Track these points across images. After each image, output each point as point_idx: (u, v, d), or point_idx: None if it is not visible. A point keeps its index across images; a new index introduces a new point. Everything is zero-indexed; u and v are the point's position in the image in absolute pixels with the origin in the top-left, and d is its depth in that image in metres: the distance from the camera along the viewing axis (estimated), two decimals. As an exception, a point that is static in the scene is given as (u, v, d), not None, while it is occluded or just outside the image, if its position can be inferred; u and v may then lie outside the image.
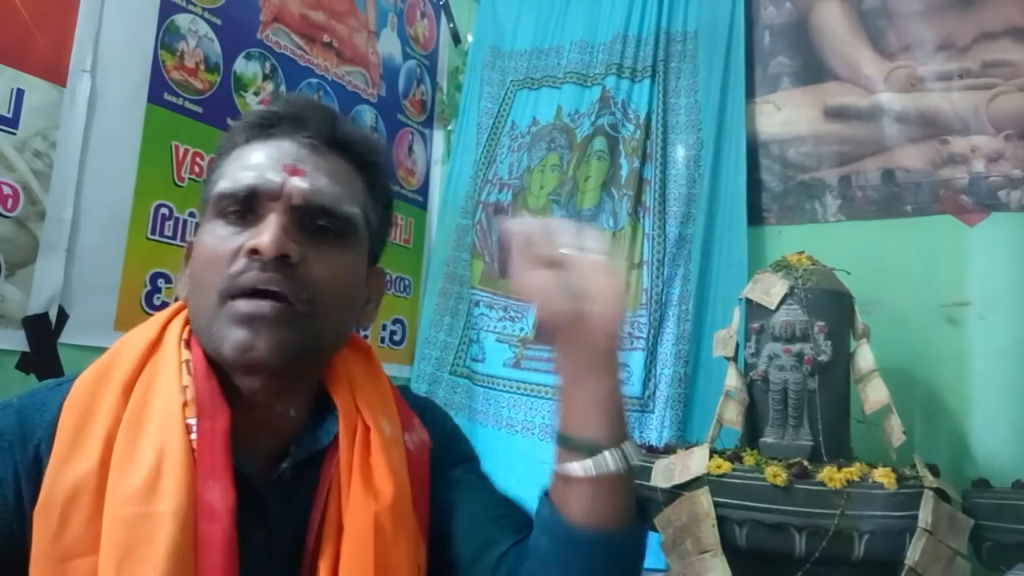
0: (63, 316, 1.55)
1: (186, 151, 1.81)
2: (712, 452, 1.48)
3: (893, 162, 2.01)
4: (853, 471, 1.33)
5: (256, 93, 2.01)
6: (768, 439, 1.55)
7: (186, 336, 0.68)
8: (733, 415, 1.60)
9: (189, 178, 1.81)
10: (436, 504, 0.74)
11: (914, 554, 1.27)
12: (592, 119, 2.36)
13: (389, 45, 2.53)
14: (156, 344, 0.68)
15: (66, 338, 1.55)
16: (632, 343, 2.12)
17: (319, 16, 2.24)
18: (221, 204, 0.67)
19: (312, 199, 0.67)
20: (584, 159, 2.34)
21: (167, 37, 1.78)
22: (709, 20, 2.27)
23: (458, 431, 0.85)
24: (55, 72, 1.56)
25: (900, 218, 1.98)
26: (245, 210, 0.67)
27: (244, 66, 1.98)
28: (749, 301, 1.63)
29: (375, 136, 1.01)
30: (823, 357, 1.52)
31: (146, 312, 1.69)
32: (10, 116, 1.48)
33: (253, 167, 0.67)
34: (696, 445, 1.55)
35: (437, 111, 2.73)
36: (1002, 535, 1.39)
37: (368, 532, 0.64)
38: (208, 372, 0.65)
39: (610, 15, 2.42)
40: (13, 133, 1.48)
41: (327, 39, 2.26)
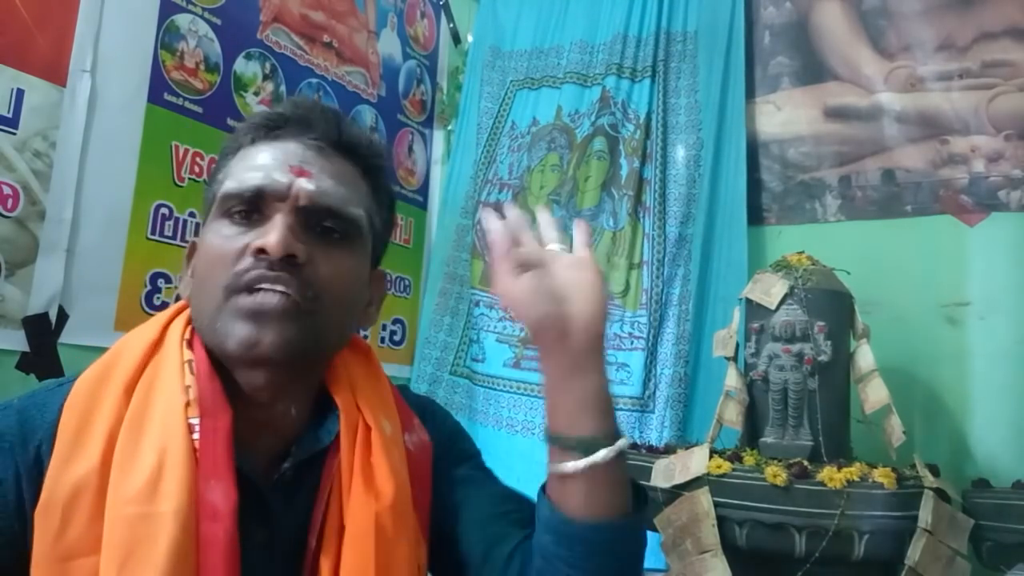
0: (63, 316, 1.54)
1: (186, 151, 1.81)
2: (712, 452, 1.48)
3: (893, 162, 2.01)
4: (853, 471, 1.33)
5: (256, 93, 2.01)
6: (768, 439, 1.55)
7: (188, 336, 0.68)
8: (733, 415, 1.60)
9: (189, 178, 1.81)
10: (442, 504, 0.75)
11: (914, 554, 1.27)
12: (592, 119, 2.36)
13: (389, 45, 2.53)
14: (157, 344, 0.68)
15: (66, 338, 1.54)
16: (632, 343, 2.13)
17: (319, 16, 2.24)
18: (227, 204, 0.67)
19: (318, 200, 0.67)
20: (584, 159, 2.34)
21: (167, 37, 1.78)
22: (709, 20, 2.27)
23: (459, 429, 0.85)
24: (55, 72, 1.56)
25: (900, 218, 1.98)
26: (251, 210, 0.67)
27: (244, 66, 1.98)
28: (749, 301, 1.64)
29: (378, 139, 1.01)
30: (823, 357, 1.52)
31: (146, 312, 1.69)
32: (10, 116, 1.48)
33: (260, 168, 0.67)
34: (696, 445, 1.55)
35: (437, 111, 2.73)
36: (1002, 535, 1.39)
37: (369, 532, 0.64)
38: (211, 372, 0.65)
39: (610, 15, 2.42)
40: (13, 133, 1.48)
41: (327, 39, 2.26)
